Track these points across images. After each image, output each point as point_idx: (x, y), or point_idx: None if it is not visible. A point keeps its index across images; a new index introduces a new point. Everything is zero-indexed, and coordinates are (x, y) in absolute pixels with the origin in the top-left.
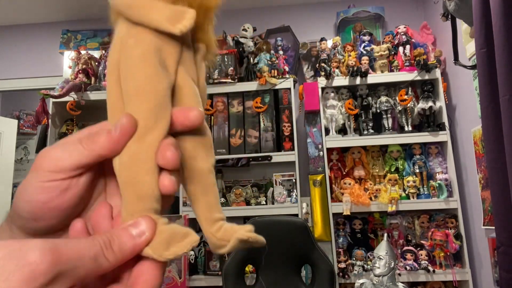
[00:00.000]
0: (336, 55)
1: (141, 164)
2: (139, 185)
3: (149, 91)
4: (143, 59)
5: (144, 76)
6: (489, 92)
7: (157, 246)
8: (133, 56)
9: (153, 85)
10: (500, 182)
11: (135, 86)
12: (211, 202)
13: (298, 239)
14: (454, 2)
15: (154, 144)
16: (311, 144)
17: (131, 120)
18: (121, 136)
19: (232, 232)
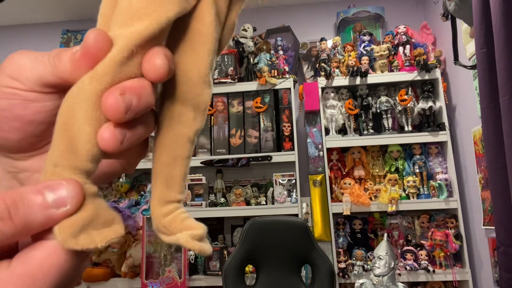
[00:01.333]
0: (336, 55)
1: (85, 102)
2: (74, 131)
3: (145, 13)
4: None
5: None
6: (489, 92)
7: (66, 226)
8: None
9: (154, 6)
10: (500, 182)
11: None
12: (174, 176)
13: (298, 239)
14: (454, 2)
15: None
16: (311, 144)
17: (99, 39)
18: (82, 57)
19: (179, 227)
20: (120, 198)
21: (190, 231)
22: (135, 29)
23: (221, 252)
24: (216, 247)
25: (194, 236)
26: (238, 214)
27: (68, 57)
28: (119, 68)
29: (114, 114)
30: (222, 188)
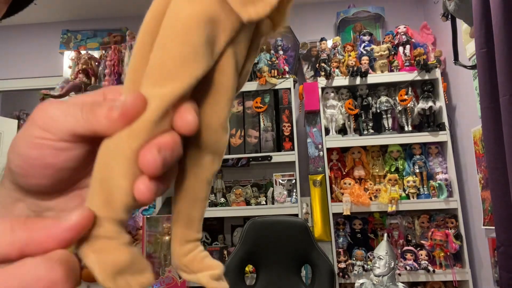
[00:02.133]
0: (336, 55)
1: (122, 158)
2: (111, 185)
3: (176, 74)
4: (188, 25)
5: (178, 50)
6: (489, 92)
7: (107, 267)
8: (180, 17)
9: (185, 68)
10: (500, 182)
11: (162, 59)
12: (193, 218)
13: (298, 239)
14: (454, 2)
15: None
16: (311, 144)
17: (138, 102)
18: (120, 118)
19: (199, 266)
20: None
21: (209, 271)
22: (168, 90)
23: (221, 252)
24: (216, 247)
25: (213, 276)
26: (238, 214)
27: (104, 114)
28: (154, 126)
29: (152, 170)
30: (222, 188)
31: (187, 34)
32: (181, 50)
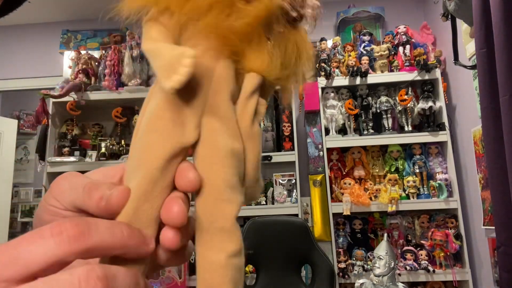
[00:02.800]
0: (336, 55)
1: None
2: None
3: (145, 161)
4: (154, 114)
5: (146, 139)
6: (489, 92)
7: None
8: (149, 110)
9: (151, 153)
10: (500, 182)
11: (137, 149)
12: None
13: (298, 239)
14: (454, 2)
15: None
16: (311, 144)
17: (120, 198)
18: (104, 209)
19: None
20: None
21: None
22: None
23: None
24: None
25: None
26: (238, 214)
27: (95, 202)
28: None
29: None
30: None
31: (155, 118)
32: (147, 139)
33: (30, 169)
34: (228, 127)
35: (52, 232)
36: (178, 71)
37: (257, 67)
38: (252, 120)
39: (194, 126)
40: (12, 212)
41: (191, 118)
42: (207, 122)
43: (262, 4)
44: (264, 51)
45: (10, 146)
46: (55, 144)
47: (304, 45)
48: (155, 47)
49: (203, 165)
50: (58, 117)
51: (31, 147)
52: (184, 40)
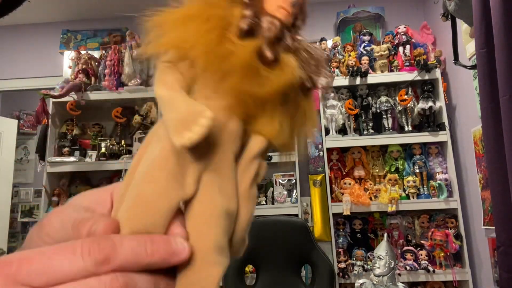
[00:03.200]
0: (336, 55)
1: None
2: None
3: (142, 210)
4: (155, 162)
5: (145, 188)
6: (489, 92)
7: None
8: (151, 155)
9: (150, 203)
10: (500, 182)
11: (134, 194)
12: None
13: (298, 239)
14: (454, 2)
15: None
16: (311, 144)
17: (107, 229)
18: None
19: None
20: None
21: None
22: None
23: None
24: None
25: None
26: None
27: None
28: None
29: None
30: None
31: (156, 167)
32: (144, 188)
33: (30, 169)
34: (227, 187)
35: (82, 251)
36: (193, 129)
37: (266, 132)
38: (251, 183)
39: (194, 180)
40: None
41: (193, 172)
42: (208, 178)
43: (284, 74)
44: (276, 117)
45: (10, 146)
46: (55, 144)
47: (311, 113)
48: (170, 96)
49: (196, 222)
50: (58, 117)
51: (31, 147)
52: (197, 90)
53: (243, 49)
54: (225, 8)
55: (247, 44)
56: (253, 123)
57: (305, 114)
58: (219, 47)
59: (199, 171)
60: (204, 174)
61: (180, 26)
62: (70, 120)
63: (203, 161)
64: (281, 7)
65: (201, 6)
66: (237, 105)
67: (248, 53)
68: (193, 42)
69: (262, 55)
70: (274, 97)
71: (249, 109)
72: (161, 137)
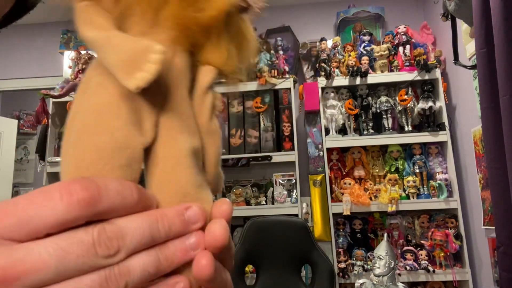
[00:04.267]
0: (336, 55)
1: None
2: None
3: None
4: (106, 111)
5: (101, 139)
6: (489, 92)
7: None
8: (93, 104)
9: (111, 156)
10: (500, 182)
11: (84, 149)
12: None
13: (298, 239)
14: (454, 2)
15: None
16: (311, 144)
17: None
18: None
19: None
20: None
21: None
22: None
23: None
24: None
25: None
26: (238, 214)
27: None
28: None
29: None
30: (222, 188)
31: (104, 122)
32: (95, 140)
33: (30, 169)
34: (187, 125)
35: (62, 194)
36: (144, 67)
37: (215, 61)
38: (210, 115)
39: (152, 124)
40: None
41: (149, 115)
42: (166, 119)
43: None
44: (222, 44)
45: (10, 146)
46: (55, 144)
47: (251, 35)
48: (105, 36)
49: (165, 167)
50: (58, 117)
51: (31, 147)
52: (129, 28)
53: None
54: None
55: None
56: (199, 53)
57: (245, 36)
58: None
59: (156, 114)
60: (161, 116)
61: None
62: None
63: (157, 102)
64: None
65: None
66: (180, 36)
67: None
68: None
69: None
70: (217, 22)
71: (194, 38)
72: (102, 83)
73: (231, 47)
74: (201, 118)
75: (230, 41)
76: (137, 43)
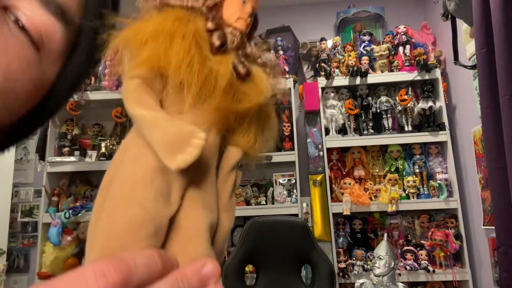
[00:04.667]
0: (336, 55)
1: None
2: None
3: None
4: (140, 183)
5: (134, 212)
6: (489, 92)
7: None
8: (131, 174)
9: (142, 228)
10: (500, 182)
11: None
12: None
13: (298, 239)
14: (454, 2)
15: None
16: (311, 144)
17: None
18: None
19: None
20: None
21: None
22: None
23: None
24: None
25: None
26: (238, 214)
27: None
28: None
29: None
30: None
31: (142, 186)
32: (127, 212)
33: (30, 169)
34: (209, 200)
35: (96, 276)
36: (186, 151)
37: (243, 144)
38: (231, 193)
39: (179, 196)
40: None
41: (178, 188)
42: (192, 193)
43: (259, 89)
44: (251, 130)
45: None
46: (55, 144)
47: (273, 119)
48: (152, 116)
49: (185, 237)
50: (58, 117)
51: (31, 147)
52: (169, 105)
53: (221, 67)
54: (192, 22)
55: (224, 61)
56: (231, 135)
57: (269, 120)
58: (201, 66)
59: (183, 187)
60: (188, 189)
61: (153, 43)
62: (70, 120)
63: (187, 177)
64: (240, 17)
65: (170, 22)
66: (218, 121)
67: (228, 71)
68: (175, 60)
69: (236, 70)
70: (252, 112)
71: (229, 123)
72: (139, 156)
73: (258, 132)
74: (222, 195)
75: (258, 126)
76: (182, 127)
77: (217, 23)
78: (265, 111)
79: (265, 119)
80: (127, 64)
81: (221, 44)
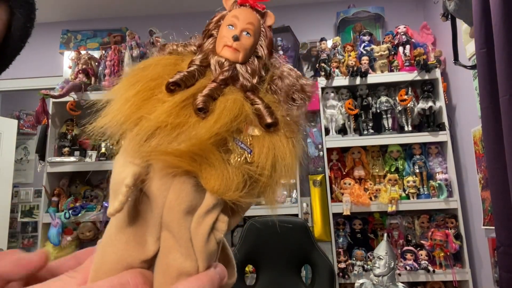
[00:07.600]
0: (336, 55)
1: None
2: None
3: (104, 275)
4: (116, 225)
5: (107, 252)
6: (489, 92)
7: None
8: (112, 219)
9: (111, 269)
10: (500, 182)
11: (98, 256)
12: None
13: (298, 239)
14: (454, 2)
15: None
16: (311, 144)
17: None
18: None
19: None
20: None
21: None
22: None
23: None
24: None
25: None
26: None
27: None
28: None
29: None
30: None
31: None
32: (105, 251)
33: (30, 169)
34: (181, 245)
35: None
36: (118, 198)
37: (210, 187)
38: (206, 238)
39: (154, 239)
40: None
41: (153, 230)
42: (164, 237)
43: (207, 123)
44: (220, 169)
45: (10, 146)
46: (55, 144)
47: (284, 151)
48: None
49: (160, 283)
50: (58, 117)
51: (31, 147)
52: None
53: (161, 108)
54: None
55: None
56: (200, 176)
57: (274, 154)
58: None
59: (158, 230)
60: (162, 232)
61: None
62: (70, 120)
63: (157, 221)
64: (225, 45)
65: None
66: (166, 167)
67: (165, 111)
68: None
69: (194, 104)
70: (207, 148)
71: (180, 167)
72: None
73: (236, 169)
74: (196, 240)
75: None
76: (121, 174)
77: (204, 57)
78: (252, 134)
79: (256, 143)
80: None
81: (176, 82)
